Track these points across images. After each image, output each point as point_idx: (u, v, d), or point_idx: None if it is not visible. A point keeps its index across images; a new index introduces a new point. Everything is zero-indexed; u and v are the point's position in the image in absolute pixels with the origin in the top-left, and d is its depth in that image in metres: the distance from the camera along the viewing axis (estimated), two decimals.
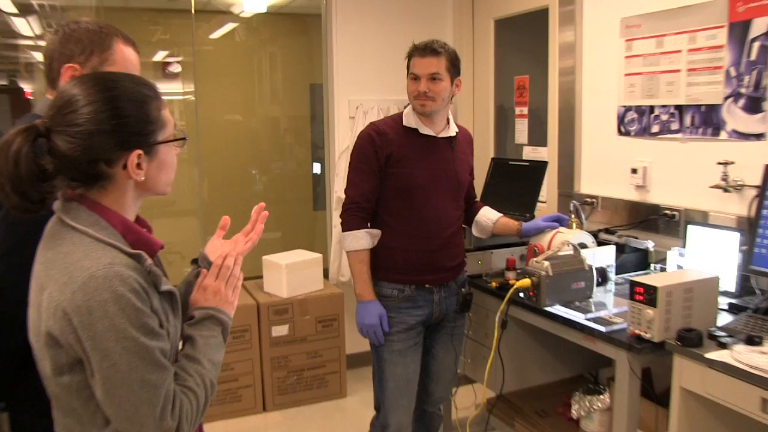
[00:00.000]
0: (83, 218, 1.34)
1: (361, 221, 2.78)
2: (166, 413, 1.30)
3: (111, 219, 1.36)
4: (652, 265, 3.06)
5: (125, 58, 1.81)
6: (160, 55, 4.83)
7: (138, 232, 1.40)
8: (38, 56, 4.55)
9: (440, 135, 2.81)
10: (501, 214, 3.06)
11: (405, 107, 2.84)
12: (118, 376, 1.26)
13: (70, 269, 1.27)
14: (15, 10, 4.29)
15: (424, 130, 2.77)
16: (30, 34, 4.53)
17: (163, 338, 1.34)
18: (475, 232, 3.11)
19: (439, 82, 2.69)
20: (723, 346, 2.16)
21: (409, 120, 2.78)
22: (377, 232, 2.80)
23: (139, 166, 1.35)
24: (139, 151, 1.34)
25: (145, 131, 1.36)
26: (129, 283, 1.27)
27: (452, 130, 2.85)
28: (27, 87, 4.58)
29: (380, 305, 2.78)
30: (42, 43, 4.33)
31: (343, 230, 2.80)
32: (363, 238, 2.77)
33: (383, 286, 2.81)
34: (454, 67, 2.73)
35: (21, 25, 4.49)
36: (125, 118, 1.32)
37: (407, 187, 2.75)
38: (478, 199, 3.20)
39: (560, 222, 2.98)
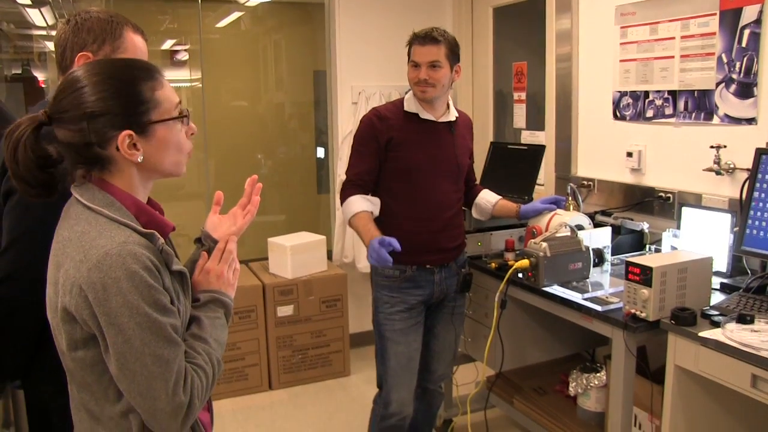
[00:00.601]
0: (99, 199, 1.36)
1: (357, 190, 2.81)
2: (178, 388, 1.32)
3: (124, 200, 1.38)
4: (647, 246, 3.07)
5: (135, 46, 1.86)
6: (167, 44, 4.86)
7: (150, 213, 1.43)
8: (51, 46, 4.57)
9: (440, 120, 2.85)
10: (500, 197, 3.09)
11: (406, 93, 2.88)
12: (131, 352, 1.28)
13: (86, 247, 1.30)
14: (28, 1, 4.33)
15: (425, 115, 2.81)
16: (43, 24, 4.57)
17: (174, 315, 1.35)
18: (474, 214, 3.14)
19: (438, 70, 2.72)
20: (716, 324, 2.17)
21: (410, 105, 2.83)
22: (376, 200, 2.84)
23: (134, 146, 1.36)
24: (129, 132, 1.34)
25: (134, 111, 1.35)
26: (142, 261, 1.29)
27: (452, 115, 2.89)
28: (40, 75, 4.61)
29: (380, 236, 2.62)
30: (54, 32, 4.39)
31: (341, 203, 2.86)
32: (359, 201, 2.79)
33: (385, 267, 2.84)
34: (454, 54, 2.77)
35: (34, 15, 4.52)
36: (111, 99, 1.33)
37: (407, 170, 2.80)
38: (477, 182, 3.23)
39: (558, 204, 2.99)
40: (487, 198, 3.10)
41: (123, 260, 1.27)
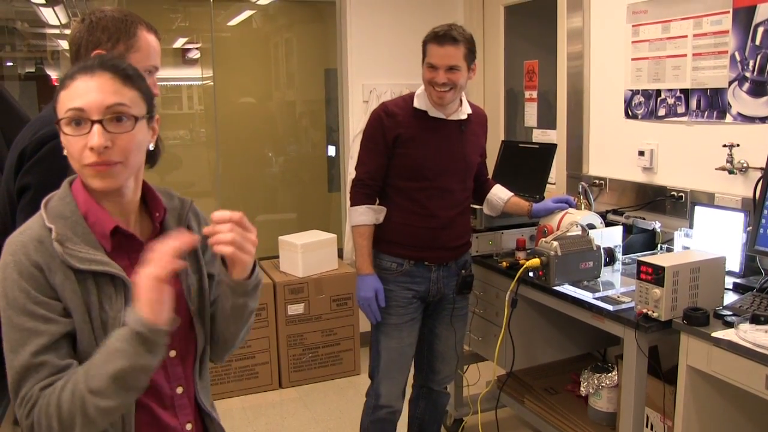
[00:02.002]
0: (60, 190, 1.42)
1: (364, 197, 2.82)
2: (16, 394, 1.28)
3: (77, 195, 1.40)
4: (658, 246, 3.06)
5: (149, 45, 1.87)
6: (179, 42, 4.88)
7: (94, 211, 1.39)
8: (64, 44, 4.60)
9: (450, 118, 2.81)
10: (512, 194, 3.08)
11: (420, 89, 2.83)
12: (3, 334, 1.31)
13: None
14: (42, 0, 4.36)
15: (434, 113, 2.77)
16: (56, 23, 4.59)
17: (35, 318, 1.28)
18: (486, 210, 3.13)
19: (456, 72, 2.66)
20: (729, 324, 2.15)
21: (420, 102, 2.78)
22: (381, 209, 2.84)
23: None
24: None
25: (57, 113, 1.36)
26: (17, 254, 1.31)
27: (464, 113, 2.84)
28: (53, 74, 4.64)
29: (377, 279, 2.81)
30: (68, 31, 4.41)
31: (350, 206, 2.87)
32: (364, 214, 2.81)
33: (383, 259, 2.85)
34: (471, 53, 2.70)
35: (48, 14, 4.55)
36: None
37: (414, 167, 2.77)
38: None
39: (569, 204, 2.99)
40: (499, 195, 3.09)
41: (8, 248, 1.33)
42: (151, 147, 1.47)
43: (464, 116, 2.85)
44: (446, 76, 2.65)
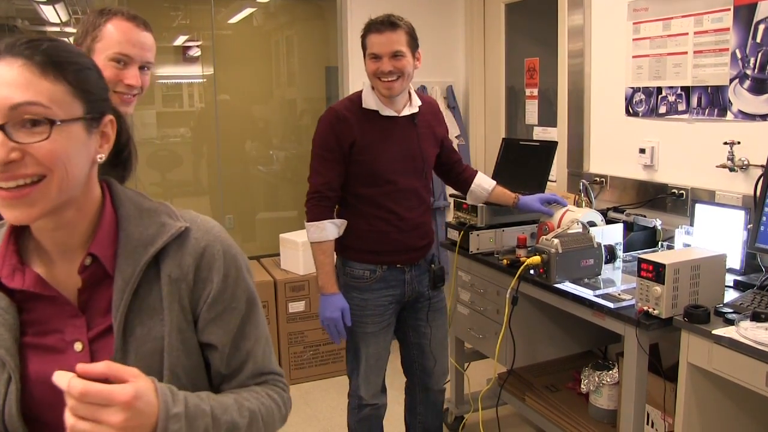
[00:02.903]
0: None
1: (324, 210, 2.67)
2: None
3: None
4: (659, 243, 3.06)
5: (111, 32, 1.79)
6: (180, 40, 4.88)
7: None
8: None
9: (402, 113, 2.70)
10: (495, 183, 3.05)
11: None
12: None
13: None
14: None
15: (386, 111, 2.66)
16: (56, 20, 4.59)
17: None
18: (469, 200, 3.12)
19: (401, 59, 2.56)
20: (729, 322, 2.15)
21: (369, 101, 2.66)
22: (343, 221, 2.72)
23: None
24: None
25: None
26: None
27: (414, 106, 2.73)
28: None
29: (343, 298, 2.70)
30: (68, 29, 4.42)
31: (307, 220, 2.69)
32: (326, 229, 2.66)
33: (355, 267, 2.75)
34: (413, 40, 2.61)
35: (48, 12, 4.55)
36: None
37: (372, 172, 2.67)
38: (490, 177, 3.19)
39: (558, 202, 3.00)
40: (483, 185, 3.04)
41: None
42: (101, 159, 1.11)
43: (416, 109, 2.74)
44: (391, 64, 2.55)
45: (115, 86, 1.77)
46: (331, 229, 2.67)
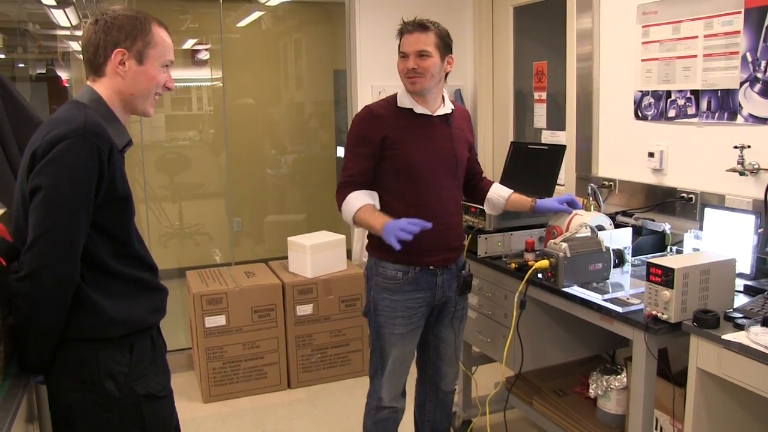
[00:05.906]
0: None
1: (353, 188, 2.71)
2: None
3: None
4: (668, 248, 3.05)
5: (163, 39, 1.94)
6: (189, 43, 4.91)
7: None
8: (75, 46, 4.64)
9: (436, 114, 2.75)
10: (512, 191, 3.04)
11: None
12: None
13: None
14: (53, 2, 4.38)
15: (419, 109, 2.72)
16: (67, 24, 4.62)
17: None
18: (487, 209, 3.10)
19: (427, 59, 2.63)
20: (739, 327, 2.14)
21: (403, 101, 2.73)
22: (374, 193, 2.74)
23: None
24: None
25: None
26: None
27: (448, 108, 2.79)
28: (64, 75, 4.68)
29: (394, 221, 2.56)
30: (78, 32, 4.44)
31: (339, 206, 2.74)
32: (358, 197, 2.69)
33: (387, 267, 2.76)
34: (445, 44, 2.68)
35: (59, 15, 4.57)
36: None
37: (405, 168, 2.70)
38: (497, 180, 3.18)
39: (573, 204, 2.96)
40: (500, 193, 3.04)
41: None
42: None
43: (449, 110, 2.80)
44: (415, 62, 2.64)
45: (157, 89, 1.96)
46: (360, 196, 2.70)
